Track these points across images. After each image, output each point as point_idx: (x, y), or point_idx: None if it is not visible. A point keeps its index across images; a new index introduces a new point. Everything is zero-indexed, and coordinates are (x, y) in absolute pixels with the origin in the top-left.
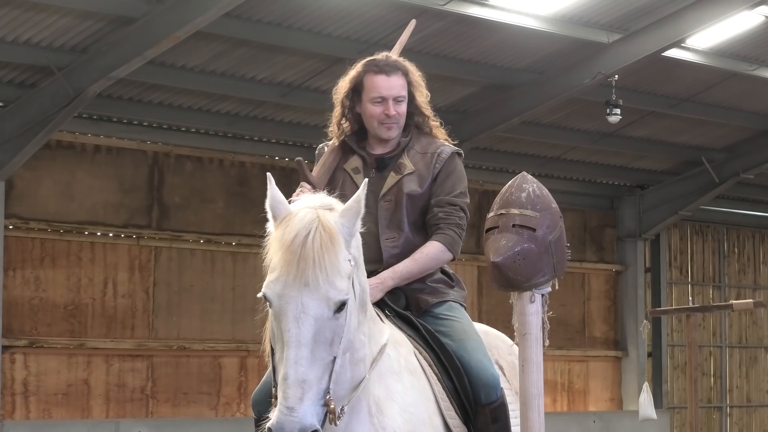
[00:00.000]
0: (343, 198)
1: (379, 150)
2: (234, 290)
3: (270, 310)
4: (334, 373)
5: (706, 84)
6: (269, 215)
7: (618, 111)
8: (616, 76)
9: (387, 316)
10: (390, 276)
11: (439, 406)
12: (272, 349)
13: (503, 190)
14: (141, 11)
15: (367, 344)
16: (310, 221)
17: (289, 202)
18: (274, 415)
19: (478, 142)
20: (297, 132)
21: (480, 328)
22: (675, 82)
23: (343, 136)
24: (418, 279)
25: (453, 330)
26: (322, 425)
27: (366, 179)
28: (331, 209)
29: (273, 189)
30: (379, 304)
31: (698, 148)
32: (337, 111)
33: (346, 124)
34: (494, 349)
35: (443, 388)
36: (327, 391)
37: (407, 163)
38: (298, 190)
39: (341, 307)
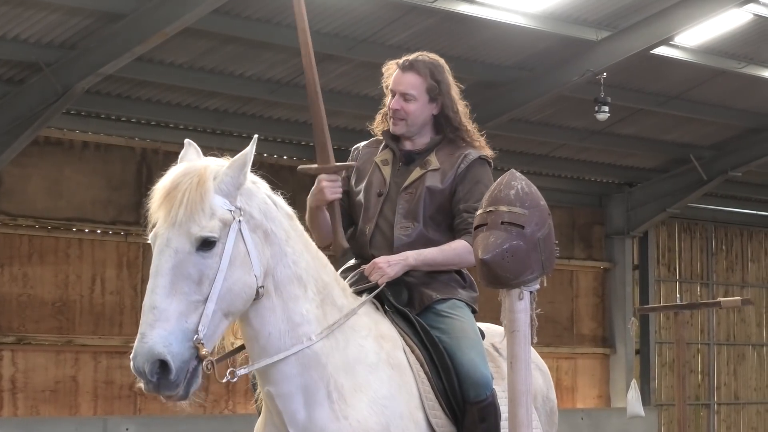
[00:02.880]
0: (370, 185)
1: (408, 146)
2: None
3: None
4: (206, 317)
5: (695, 82)
6: None
7: (606, 108)
8: (605, 74)
9: (385, 312)
10: (414, 255)
11: (424, 404)
12: None
13: (492, 187)
14: (129, 7)
15: (314, 322)
16: (187, 170)
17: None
18: None
19: None
20: (286, 129)
21: (497, 329)
22: (663, 79)
23: (380, 132)
24: (427, 274)
25: (451, 327)
26: (194, 371)
27: (255, 135)
28: (222, 166)
29: (185, 150)
30: (380, 299)
31: (686, 145)
32: (385, 101)
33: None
34: (500, 344)
35: (431, 387)
36: (195, 332)
37: (433, 161)
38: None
39: (207, 244)
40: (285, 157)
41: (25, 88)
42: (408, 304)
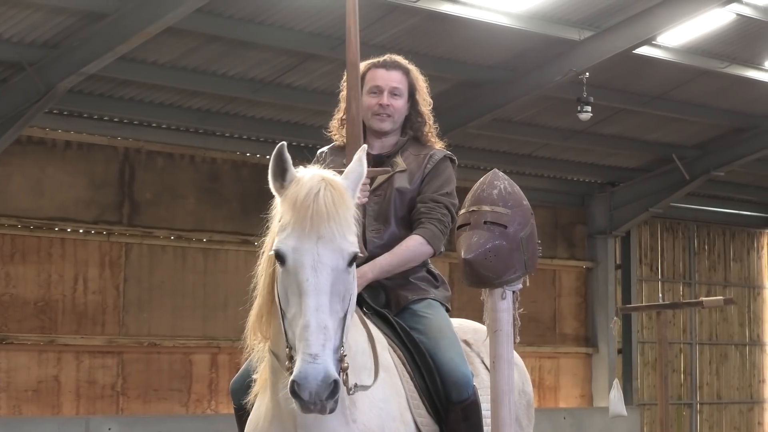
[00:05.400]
0: None
1: (377, 150)
2: (205, 287)
3: (280, 268)
4: (346, 329)
5: (678, 81)
6: (271, 175)
7: (589, 108)
8: (588, 74)
9: (365, 314)
10: (369, 269)
11: (409, 404)
12: (283, 313)
13: (475, 187)
14: (112, 7)
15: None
16: (319, 181)
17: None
18: (296, 366)
19: (450, 140)
20: (268, 128)
21: (470, 325)
22: (646, 79)
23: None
24: (401, 275)
25: (428, 328)
26: (337, 382)
27: (365, 144)
28: (333, 175)
29: (285, 152)
30: (358, 302)
31: (669, 145)
32: (341, 107)
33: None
34: (471, 339)
35: (414, 387)
36: (341, 346)
37: (400, 162)
38: None
39: (353, 260)
40: (268, 157)
41: (7, 88)
42: (385, 305)
